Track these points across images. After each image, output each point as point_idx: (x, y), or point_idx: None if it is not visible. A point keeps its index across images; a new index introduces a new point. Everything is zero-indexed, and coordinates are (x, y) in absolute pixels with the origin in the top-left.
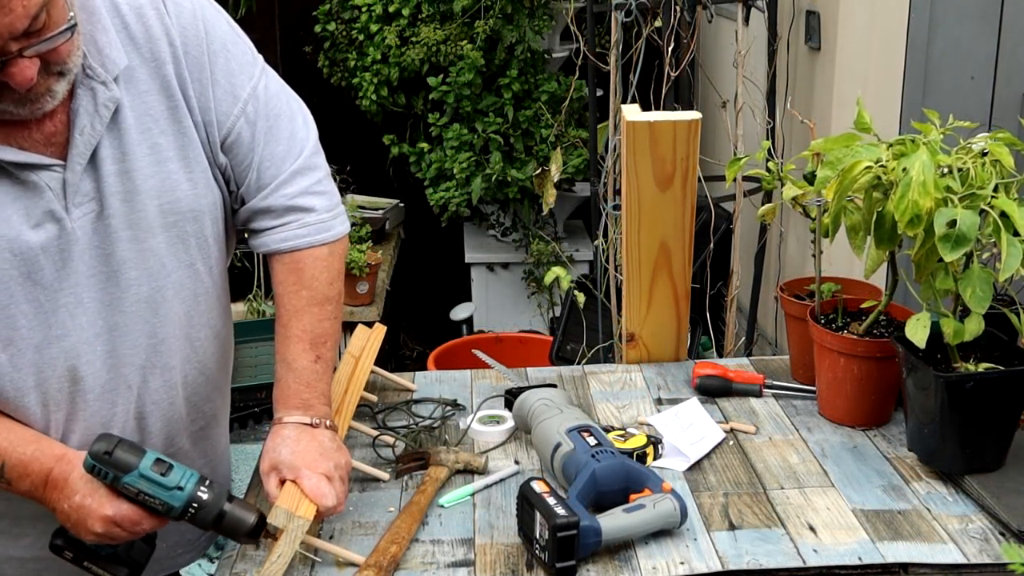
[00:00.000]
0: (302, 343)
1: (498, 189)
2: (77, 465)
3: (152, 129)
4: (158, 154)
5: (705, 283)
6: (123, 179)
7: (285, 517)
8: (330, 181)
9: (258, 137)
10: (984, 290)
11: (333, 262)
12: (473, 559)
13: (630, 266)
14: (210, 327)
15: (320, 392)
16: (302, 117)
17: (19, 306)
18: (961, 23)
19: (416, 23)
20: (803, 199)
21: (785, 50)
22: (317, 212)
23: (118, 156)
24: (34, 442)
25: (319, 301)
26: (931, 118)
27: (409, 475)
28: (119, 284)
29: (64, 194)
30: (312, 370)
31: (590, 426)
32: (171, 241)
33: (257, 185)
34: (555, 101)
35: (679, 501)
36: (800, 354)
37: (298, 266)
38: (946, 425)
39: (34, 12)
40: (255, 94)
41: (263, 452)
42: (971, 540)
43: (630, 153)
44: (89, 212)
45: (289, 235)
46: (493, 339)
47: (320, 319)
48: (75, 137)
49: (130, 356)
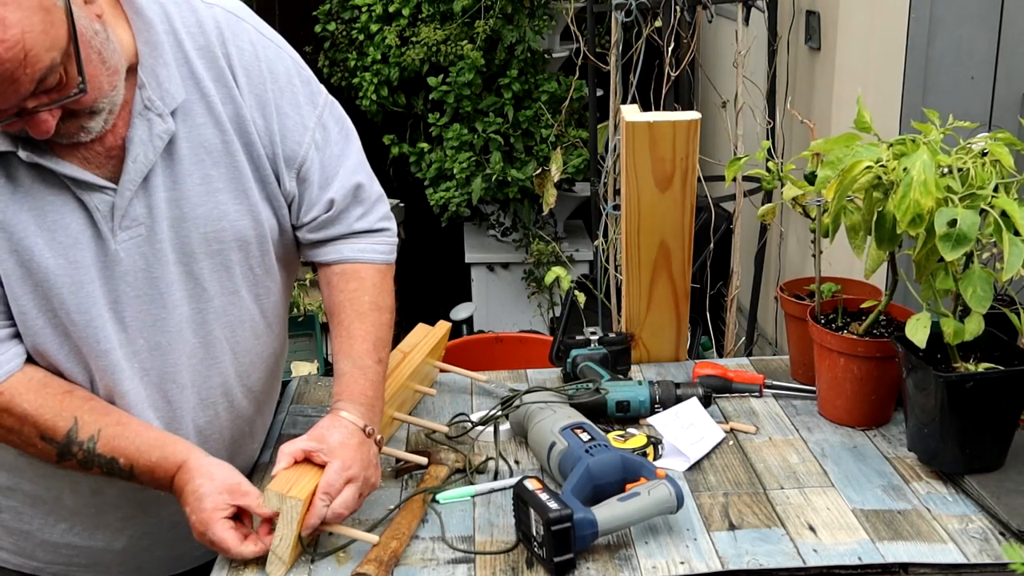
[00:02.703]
0: (367, 343)
1: (498, 189)
2: (193, 477)
3: (205, 160)
4: (209, 184)
5: (705, 283)
6: (172, 206)
7: (277, 499)
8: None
9: (329, 164)
10: (985, 290)
11: (389, 282)
12: (473, 556)
13: (630, 266)
14: (256, 353)
15: (380, 395)
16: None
17: (69, 315)
18: (961, 23)
19: (416, 23)
20: (803, 199)
21: (785, 50)
22: (390, 235)
23: (170, 184)
24: (159, 448)
25: (380, 308)
26: (931, 118)
27: (409, 474)
28: (164, 306)
29: (112, 217)
30: (376, 371)
31: (583, 423)
32: (214, 268)
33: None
34: (555, 101)
35: (674, 486)
36: (800, 354)
37: (360, 275)
38: (946, 425)
39: (39, 76)
40: (322, 122)
41: (310, 430)
42: (971, 540)
43: (630, 153)
44: (136, 236)
45: (366, 247)
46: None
47: (380, 324)
48: (128, 164)
49: (172, 374)
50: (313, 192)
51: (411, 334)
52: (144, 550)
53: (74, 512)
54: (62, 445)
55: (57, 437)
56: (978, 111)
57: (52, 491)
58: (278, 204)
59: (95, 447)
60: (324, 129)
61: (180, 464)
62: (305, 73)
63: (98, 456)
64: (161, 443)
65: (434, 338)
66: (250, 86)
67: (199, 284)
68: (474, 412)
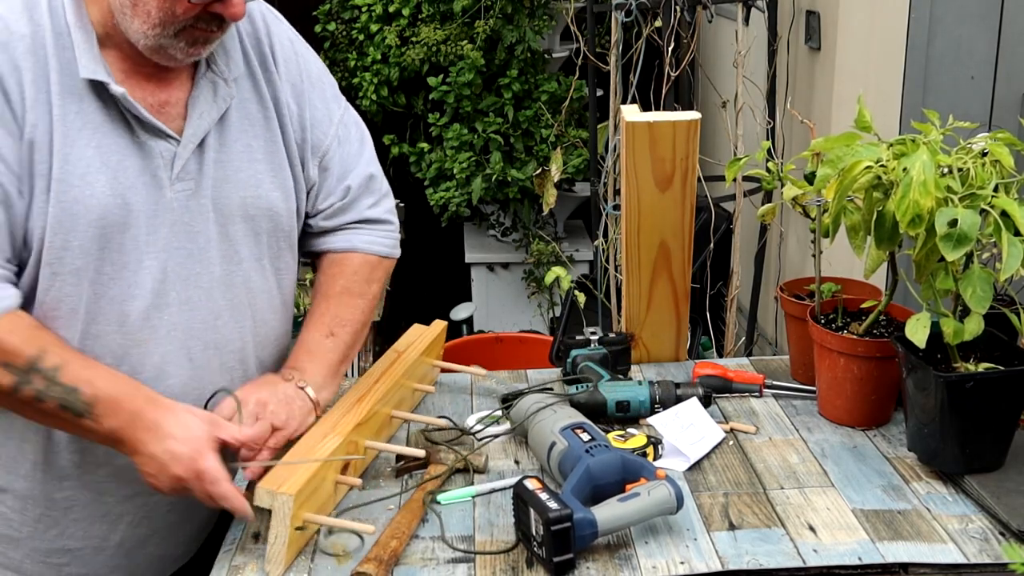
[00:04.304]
0: (321, 324)
1: (498, 189)
2: (175, 410)
3: (248, 131)
4: (250, 153)
5: (705, 283)
6: (218, 167)
7: (269, 496)
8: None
9: (348, 158)
10: (985, 290)
11: (377, 272)
12: (473, 556)
13: (630, 266)
14: (271, 327)
15: (320, 361)
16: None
17: (111, 254)
18: (961, 23)
19: (416, 23)
20: (803, 199)
21: (785, 50)
22: (394, 228)
23: (218, 146)
24: (129, 384)
25: (351, 293)
26: (931, 118)
27: (409, 474)
28: (200, 261)
29: (172, 167)
30: (318, 342)
31: (583, 423)
32: (246, 233)
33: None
34: (555, 101)
35: (674, 486)
36: (800, 354)
37: (344, 262)
38: (946, 425)
39: None
40: (344, 120)
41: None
42: (971, 540)
43: (630, 153)
44: (186, 189)
45: (374, 238)
46: (493, 339)
47: (343, 304)
48: (193, 119)
49: (198, 331)
50: (331, 181)
51: (406, 334)
52: (139, 544)
53: (69, 507)
54: (22, 371)
55: (18, 363)
56: (978, 111)
57: (48, 484)
58: (300, 187)
59: (57, 375)
60: (345, 127)
61: (152, 398)
62: (330, 77)
63: (59, 385)
64: (130, 380)
65: (429, 337)
66: (288, 76)
67: (232, 246)
68: (474, 412)
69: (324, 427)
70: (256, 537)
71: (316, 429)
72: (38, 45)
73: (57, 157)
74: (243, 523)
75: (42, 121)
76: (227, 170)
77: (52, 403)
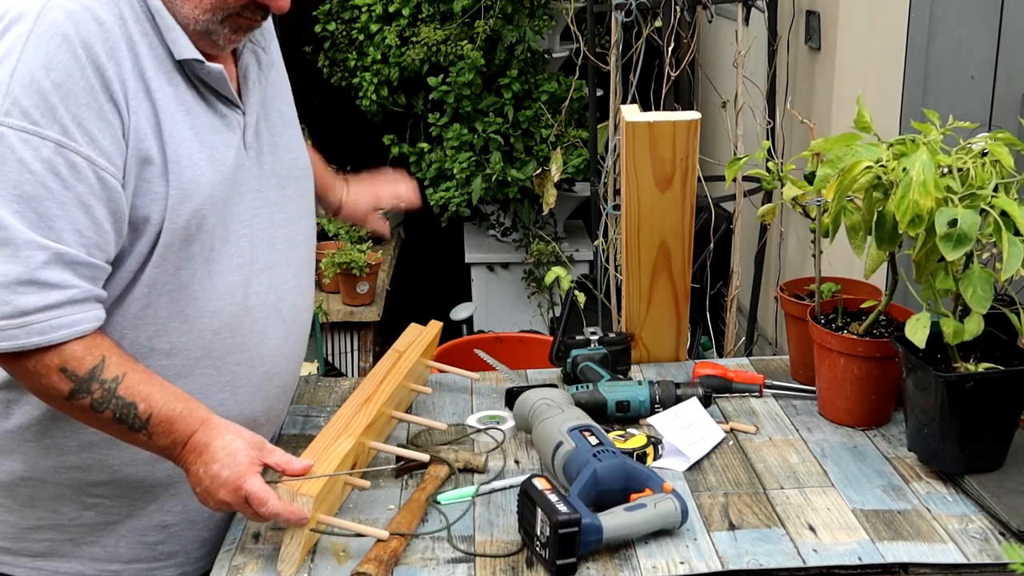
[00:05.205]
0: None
1: (498, 189)
2: (222, 433)
3: (277, 97)
4: (283, 118)
5: (705, 283)
6: (268, 132)
7: (289, 497)
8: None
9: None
10: (985, 290)
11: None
12: (473, 556)
13: (630, 266)
14: (310, 286)
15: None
16: None
17: (217, 229)
18: (961, 23)
19: (416, 23)
20: (803, 199)
21: (785, 50)
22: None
23: (263, 114)
24: (183, 401)
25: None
26: (931, 118)
27: (409, 474)
28: (274, 223)
29: (244, 135)
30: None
31: (591, 426)
32: (299, 193)
33: None
34: (555, 101)
35: (680, 501)
36: (800, 354)
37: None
38: (946, 425)
39: None
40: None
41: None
42: (971, 540)
43: (630, 153)
44: (254, 156)
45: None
46: (493, 339)
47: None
48: (250, 89)
49: (284, 291)
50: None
51: (404, 334)
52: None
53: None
54: (82, 381)
55: (80, 371)
56: (978, 111)
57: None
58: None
59: (116, 388)
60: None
61: (204, 420)
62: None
63: (117, 398)
64: (185, 397)
65: (428, 337)
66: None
67: (292, 206)
68: (474, 411)
69: (336, 428)
70: (256, 537)
71: (329, 430)
72: (127, 32)
73: (168, 141)
74: (243, 523)
75: (143, 107)
76: (274, 135)
77: (108, 414)
